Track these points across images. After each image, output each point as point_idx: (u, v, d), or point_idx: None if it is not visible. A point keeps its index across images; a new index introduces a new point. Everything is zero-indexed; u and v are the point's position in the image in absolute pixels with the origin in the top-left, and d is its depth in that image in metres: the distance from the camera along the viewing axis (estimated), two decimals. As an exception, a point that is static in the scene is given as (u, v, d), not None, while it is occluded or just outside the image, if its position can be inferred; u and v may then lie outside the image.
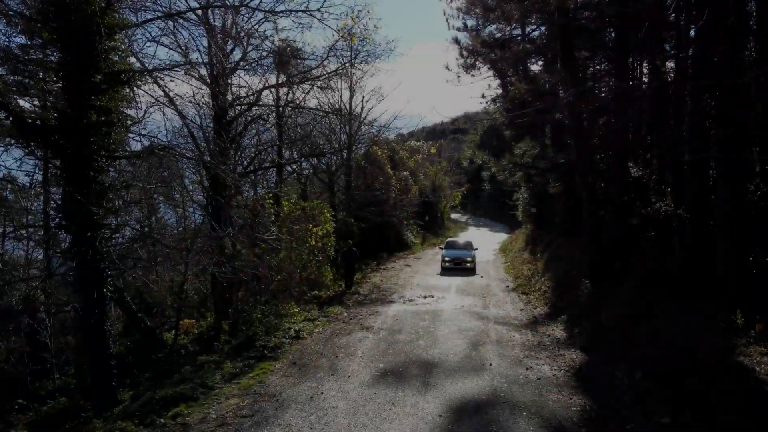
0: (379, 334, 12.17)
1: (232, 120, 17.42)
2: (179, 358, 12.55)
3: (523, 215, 30.06)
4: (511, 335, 12.02)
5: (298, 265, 15.12)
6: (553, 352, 10.62)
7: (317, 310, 15.00)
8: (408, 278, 20.70)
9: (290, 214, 15.22)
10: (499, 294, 17.58)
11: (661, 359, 8.57)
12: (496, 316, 14.15)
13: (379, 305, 15.67)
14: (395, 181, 31.58)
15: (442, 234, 42.04)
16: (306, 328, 12.80)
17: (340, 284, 18.90)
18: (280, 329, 12.59)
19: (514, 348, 10.97)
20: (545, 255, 21.39)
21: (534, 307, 15.21)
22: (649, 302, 10.22)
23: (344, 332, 12.48)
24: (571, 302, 13.65)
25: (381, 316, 14.07)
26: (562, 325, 12.65)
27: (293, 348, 11.26)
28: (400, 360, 10.19)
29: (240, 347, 11.29)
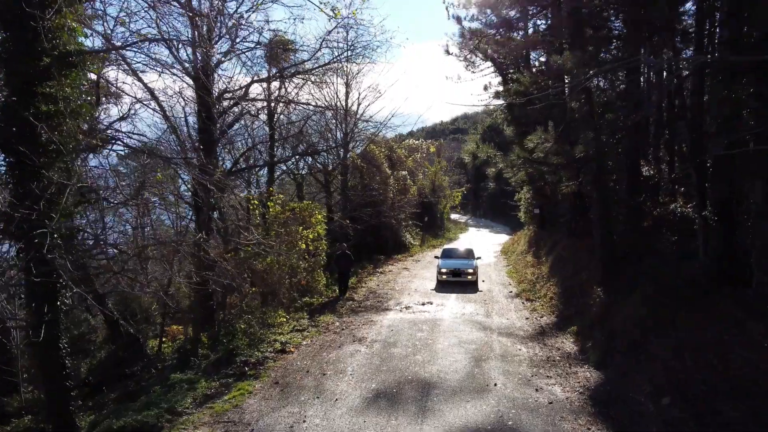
0: (373, 348, 11.13)
1: (218, 115, 16.40)
2: (155, 372, 11.51)
3: (525, 216, 29.06)
4: (517, 349, 10.98)
5: (286, 270, 14.06)
6: (565, 369, 9.58)
7: (307, 318, 13.96)
8: (406, 283, 19.66)
9: (277, 216, 14.15)
10: (502, 300, 16.53)
11: (690, 380, 7.54)
12: (500, 325, 13.11)
13: (373, 313, 14.63)
14: (393, 180, 30.55)
15: (441, 235, 41.02)
16: (293, 340, 11.76)
17: (334, 289, 17.87)
18: (265, 341, 11.56)
19: (520, 364, 9.93)
20: (550, 258, 20.37)
21: (540, 315, 14.17)
22: (669, 312, 9.20)
23: (335, 345, 11.44)
24: (580, 310, 12.61)
25: (375, 326, 13.03)
26: (572, 336, 11.61)
27: (277, 364, 10.21)
28: (394, 379, 9.14)
29: (219, 363, 10.25)
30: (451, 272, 18.74)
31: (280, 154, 23.38)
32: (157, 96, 14.89)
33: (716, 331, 8.09)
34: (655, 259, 10.99)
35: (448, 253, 20.97)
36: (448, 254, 20.69)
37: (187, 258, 16.06)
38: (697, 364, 7.84)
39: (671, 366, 7.95)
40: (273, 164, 19.56)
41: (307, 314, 14.46)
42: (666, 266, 10.38)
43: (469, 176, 67.54)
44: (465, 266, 18.91)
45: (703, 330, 8.34)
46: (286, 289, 15.26)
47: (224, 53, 16.55)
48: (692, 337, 8.30)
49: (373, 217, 26.44)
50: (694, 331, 8.39)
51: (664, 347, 8.37)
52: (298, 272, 14.56)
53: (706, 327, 8.34)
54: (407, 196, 33.27)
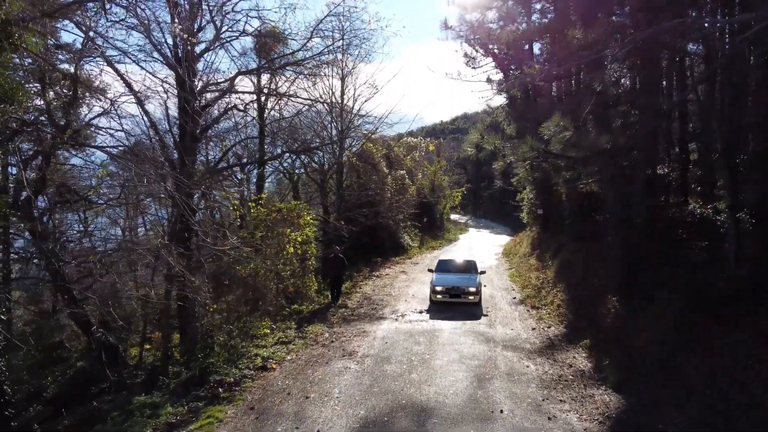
0: (364, 364, 10.02)
1: (201, 109, 15.30)
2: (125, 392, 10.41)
3: (528, 217, 27.98)
4: (524, 365, 9.87)
5: (272, 276, 12.96)
6: (579, 392, 8.47)
7: (295, 328, 12.84)
8: (403, 288, 18.54)
9: (263, 218, 13.03)
10: (505, 308, 15.42)
11: (731, 413, 6.44)
12: (504, 337, 12.00)
13: (367, 323, 13.52)
14: (391, 180, 29.45)
15: (441, 236, 39.93)
16: (276, 355, 10.64)
17: (327, 295, 16.76)
18: (246, 356, 10.46)
19: (529, 385, 8.82)
20: (555, 262, 19.27)
21: (547, 325, 13.06)
22: (700, 328, 8.11)
23: (322, 360, 10.33)
24: (593, 321, 11.51)
25: (368, 338, 11.92)
26: (584, 351, 10.50)
27: (256, 384, 9.10)
28: (386, 404, 8.04)
29: (190, 382, 9.14)
30: (447, 291, 14.96)
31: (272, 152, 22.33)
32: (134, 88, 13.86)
33: (758, 352, 7.00)
34: (677, 267, 9.87)
35: (444, 265, 17.08)
36: (445, 267, 16.85)
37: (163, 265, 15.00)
38: (736, 390, 6.75)
39: (706, 394, 6.86)
40: (263, 162, 18.44)
41: (295, 323, 13.35)
42: (691, 274, 9.27)
43: (469, 176, 66.56)
44: (465, 284, 15.17)
45: (741, 350, 7.25)
46: (273, 297, 14.16)
47: (210, 42, 15.51)
48: (729, 359, 7.22)
49: (370, 218, 25.33)
50: (731, 351, 7.30)
51: (696, 370, 7.28)
52: (285, 278, 13.43)
53: (745, 346, 7.25)
54: (405, 196, 32.17)
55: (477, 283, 15.30)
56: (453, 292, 14.88)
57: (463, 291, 14.92)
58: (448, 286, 14.99)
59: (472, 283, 15.24)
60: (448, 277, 15.62)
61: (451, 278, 15.55)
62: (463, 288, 14.96)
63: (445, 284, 15.11)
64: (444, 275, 15.87)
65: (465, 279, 15.55)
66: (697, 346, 7.65)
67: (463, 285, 15.07)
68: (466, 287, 14.98)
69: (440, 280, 15.43)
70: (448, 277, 15.62)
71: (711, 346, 7.51)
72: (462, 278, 15.61)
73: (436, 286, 15.12)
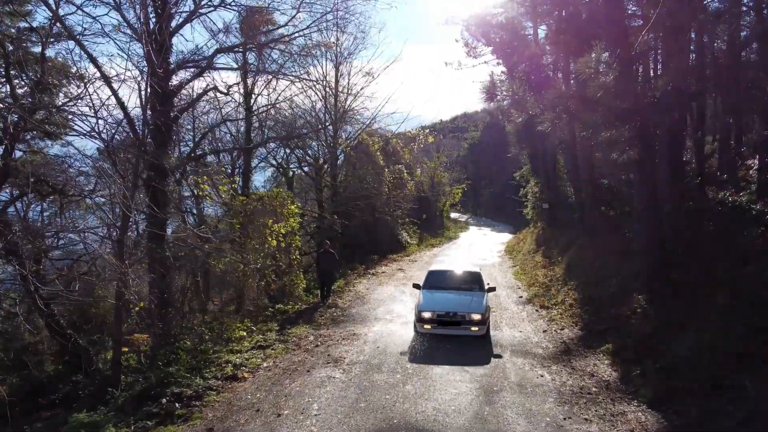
0: (351, 372, 8.60)
1: (176, 89, 13.87)
2: (72, 403, 8.96)
3: (533, 212, 26.61)
4: (538, 375, 8.45)
5: (251, 272, 11.54)
6: (607, 408, 7.05)
7: (276, 331, 11.43)
8: (399, 286, 17.11)
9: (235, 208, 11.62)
10: (511, 307, 14.01)
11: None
12: (513, 341, 10.59)
13: (358, 324, 12.11)
14: (388, 174, 28.03)
15: (441, 234, 38.56)
16: (251, 362, 9.22)
17: (317, 294, 15.35)
18: (215, 363, 9.05)
19: (546, 399, 7.41)
20: (564, 258, 17.87)
21: (560, 327, 11.64)
22: (755, 331, 6.70)
23: (302, 368, 8.91)
24: (614, 323, 10.08)
25: (358, 342, 10.51)
26: (606, 358, 9.08)
27: (221, 398, 7.68)
28: (374, 422, 6.62)
29: (144, 395, 7.72)
30: (439, 318, 10.17)
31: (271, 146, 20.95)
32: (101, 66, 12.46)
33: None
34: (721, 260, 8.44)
35: (435, 279, 11.88)
36: (437, 282, 11.74)
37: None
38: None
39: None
40: (248, 149, 16.97)
41: (277, 325, 11.94)
42: (738, 268, 7.84)
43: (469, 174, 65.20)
44: (467, 307, 10.42)
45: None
46: (255, 295, 12.76)
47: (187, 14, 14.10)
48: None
49: (366, 212, 23.93)
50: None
51: (757, 386, 5.85)
52: (266, 275, 12.01)
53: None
54: (404, 191, 30.78)
55: (484, 307, 10.39)
56: (448, 320, 10.13)
57: (464, 317, 10.15)
58: (440, 311, 10.22)
59: (476, 306, 10.36)
60: (442, 297, 10.91)
61: (446, 298, 10.85)
62: (462, 313, 10.20)
63: (437, 307, 10.35)
64: (435, 294, 11.08)
65: (466, 299, 10.79)
66: (757, 356, 6.25)
67: (464, 309, 10.32)
68: (468, 312, 10.17)
69: (429, 300, 10.74)
70: (441, 297, 10.91)
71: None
72: (461, 298, 10.91)
73: (423, 311, 10.28)
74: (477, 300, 10.76)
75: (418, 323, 10.45)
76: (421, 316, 10.34)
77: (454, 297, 10.99)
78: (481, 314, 10.21)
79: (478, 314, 10.20)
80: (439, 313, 10.23)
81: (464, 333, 10.26)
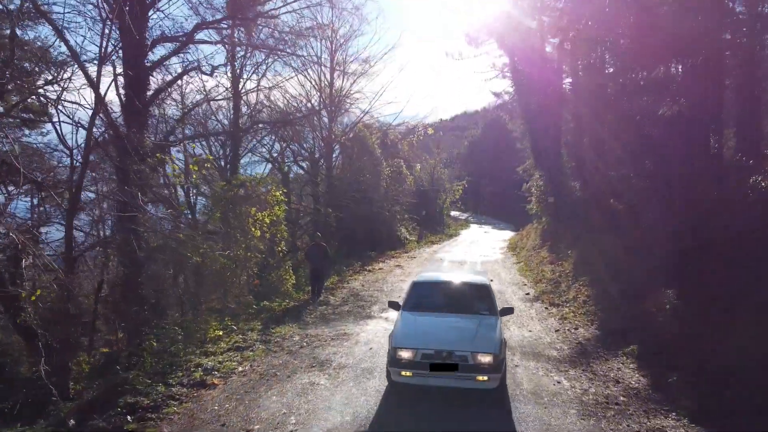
0: (338, 378, 7.45)
1: (152, 66, 12.72)
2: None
3: (537, 206, 25.42)
4: (554, 381, 7.30)
5: (230, 265, 10.39)
6: (641, 423, 5.89)
7: (259, 330, 10.27)
8: (396, 283, 15.97)
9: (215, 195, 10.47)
10: (518, 305, 12.86)
11: None
12: (522, 341, 9.45)
13: (350, 322, 10.97)
14: (386, 167, 26.89)
15: (441, 231, 37.45)
16: (225, 366, 8.06)
17: (308, 290, 14.20)
18: (183, 367, 7.90)
19: (567, 411, 6.26)
20: (573, 253, 16.74)
21: (574, 326, 10.49)
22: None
23: (282, 373, 7.75)
24: (637, 322, 8.93)
25: (348, 342, 9.36)
26: (631, 361, 7.93)
27: (183, 408, 6.52)
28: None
29: (92, 406, 6.57)
30: (426, 362, 6.35)
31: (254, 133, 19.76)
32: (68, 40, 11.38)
33: None
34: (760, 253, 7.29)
35: (423, 293, 7.95)
36: (425, 298, 7.83)
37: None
38: None
39: None
40: (236, 133, 15.80)
41: (261, 323, 10.79)
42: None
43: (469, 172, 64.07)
44: (470, 343, 6.53)
45: None
46: (238, 290, 11.62)
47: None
48: None
49: (363, 206, 22.81)
50: None
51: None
52: (248, 268, 10.85)
53: None
54: (403, 186, 29.67)
55: (497, 341, 6.55)
56: (440, 362, 6.28)
57: (465, 361, 6.26)
58: (427, 348, 6.38)
59: (485, 341, 6.53)
60: (430, 324, 7.12)
61: (437, 326, 7.06)
62: (463, 353, 6.30)
63: (423, 342, 6.50)
64: (421, 318, 7.25)
65: (469, 329, 6.88)
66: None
67: (465, 345, 6.42)
68: (473, 352, 6.30)
69: (411, 330, 6.91)
70: (429, 324, 7.12)
71: None
72: (461, 326, 7.00)
73: (401, 348, 6.44)
74: (486, 330, 6.76)
75: (392, 367, 6.41)
76: (396, 357, 6.34)
77: (450, 324, 7.02)
78: (492, 354, 6.18)
79: (488, 354, 6.17)
80: (426, 351, 6.26)
81: (465, 385, 6.27)
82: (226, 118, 19.30)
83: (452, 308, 7.51)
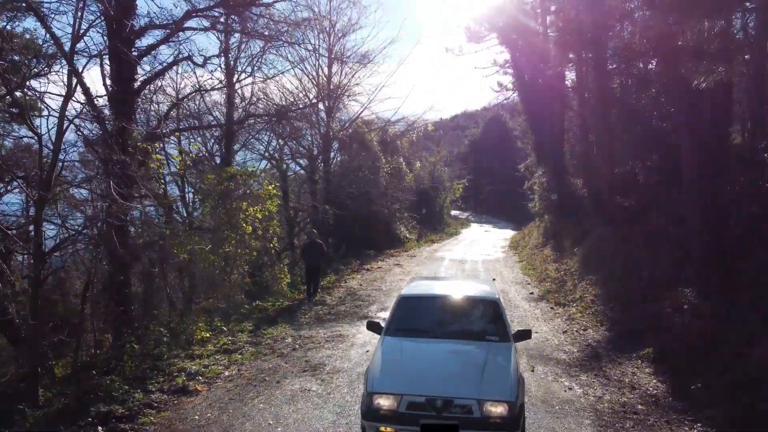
0: (331, 384, 6.90)
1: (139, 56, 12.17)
2: None
3: (540, 203, 24.87)
4: (566, 387, 6.75)
5: (221, 263, 9.84)
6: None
7: (249, 331, 9.72)
8: (395, 282, 15.41)
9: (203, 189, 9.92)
10: (522, 305, 12.33)
11: None
12: (528, 343, 8.75)
13: (346, 323, 10.42)
14: (386, 164, 26.34)
15: (441, 230, 36.90)
16: (210, 370, 7.51)
17: (304, 289, 13.66)
18: (165, 371, 7.35)
19: (580, 421, 5.69)
20: (578, 251, 16.16)
21: (582, 327, 9.93)
22: None
23: (272, 378, 7.20)
24: (652, 323, 8.37)
25: (343, 345, 8.81)
26: (648, 365, 7.38)
27: (160, 418, 5.96)
28: (354, 457, 4.90)
29: (61, 416, 6.01)
30: (413, 413, 4.48)
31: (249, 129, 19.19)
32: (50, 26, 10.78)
33: None
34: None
35: (413, 311, 5.96)
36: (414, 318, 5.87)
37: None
38: None
39: None
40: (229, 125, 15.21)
41: (252, 324, 10.24)
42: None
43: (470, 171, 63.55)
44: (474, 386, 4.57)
45: None
46: (229, 289, 11.05)
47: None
48: None
49: (361, 203, 22.26)
50: None
51: None
52: (238, 265, 10.30)
53: None
54: (402, 184, 29.13)
55: (511, 383, 4.70)
56: (432, 414, 4.47)
57: (469, 413, 4.46)
58: (416, 393, 4.57)
59: (496, 383, 4.67)
60: (420, 356, 5.28)
61: (430, 360, 5.20)
62: (464, 402, 4.50)
63: (410, 386, 4.65)
64: (408, 347, 5.39)
65: (472, 361, 5.07)
66: None
67: (467, 390, 4.58)
68: (479, 399, 4.48)
69: (394, 366, 5.00)
70: (418, 355, 5.30)
71: None
72: (462, 357, 5.31)
73: (379, 393, 4.63)
74: (497, 365, 4.93)
75: (367, 421, 4.63)
76: (373, 405, 4.59)
77: (448, 356, 5.26)
78: (507, 403, 4.44)
79: (502, 403, 4.44)
80: (415, 399, 4.52)
81: None
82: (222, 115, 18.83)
83: (451, 332, 5.58)
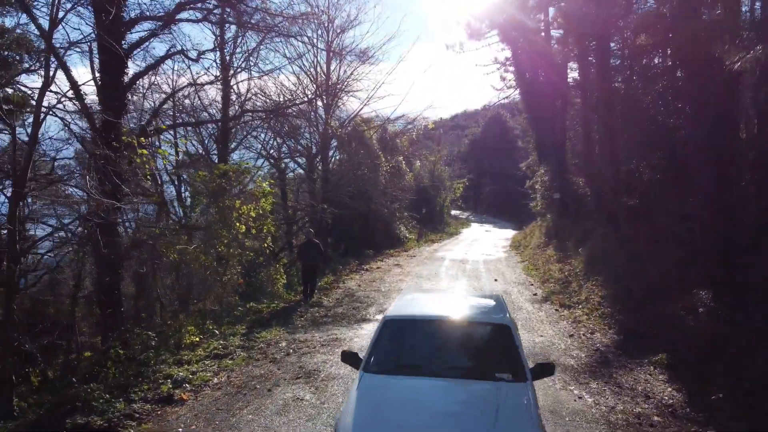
0: (326, 392, 6.50)
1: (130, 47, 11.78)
2: None
3: (542, 202, 24.47)
4: (575, 396, 6.34)
5: (212, 264, 9.43)
6: (684, 450, 4.95)
7: (242, 334, 9.32)
8: (395, 282, 15.01)
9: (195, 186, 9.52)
10: (526, 306, 11.92)
11: None
12: (533, 348, 8.48)
13: (344, 326, 10.02)
14: (385, 162, 25.93)
15: (441, 230, 36.51)
16: (198, 377, 7.10)
17: (301, 290, 13.26)
18: (150, 378, 6.94)
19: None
20: (582, 251, 15.76)
21: (589, 330, 9.53)
22: None
23: (263, 385, 6.80)
24: (663, 326, 7.98)
25: (340, 349, 8.32)
26: (661, 372, 6.97)
27: (141, 430, 5.56)
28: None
29: (37, 427, 5.61)
30: None
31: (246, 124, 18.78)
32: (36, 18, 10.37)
33: None
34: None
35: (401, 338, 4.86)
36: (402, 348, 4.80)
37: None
38: None
39: None
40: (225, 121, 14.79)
41: (245, 327, 9.84)
42: None
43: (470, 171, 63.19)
44: None
45: None
46: (221, 291, 10.66)
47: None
48: None
49: (360, 202, 21.84)
50: None
51: None
52: (231, 266, 9.89)
53: None
54: (402, 183, 28.73)
55: None
56: None
57: None
58: None
59: None
60: (408, 403, 3.84)
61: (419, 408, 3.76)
62: None
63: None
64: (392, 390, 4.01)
65: (477, 412, 3.68)
66: None
67: None
68: None
69: (372, 419, 3.66)
70: (404, 402, 3.85)
71: None
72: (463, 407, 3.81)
73: None
74: (512, 418, 3.63)
75: None
76: None
77: (445, 404, 3.88)
78: None
79: None
80: None
81: None
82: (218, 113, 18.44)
83: (448, 368, 4.26)
